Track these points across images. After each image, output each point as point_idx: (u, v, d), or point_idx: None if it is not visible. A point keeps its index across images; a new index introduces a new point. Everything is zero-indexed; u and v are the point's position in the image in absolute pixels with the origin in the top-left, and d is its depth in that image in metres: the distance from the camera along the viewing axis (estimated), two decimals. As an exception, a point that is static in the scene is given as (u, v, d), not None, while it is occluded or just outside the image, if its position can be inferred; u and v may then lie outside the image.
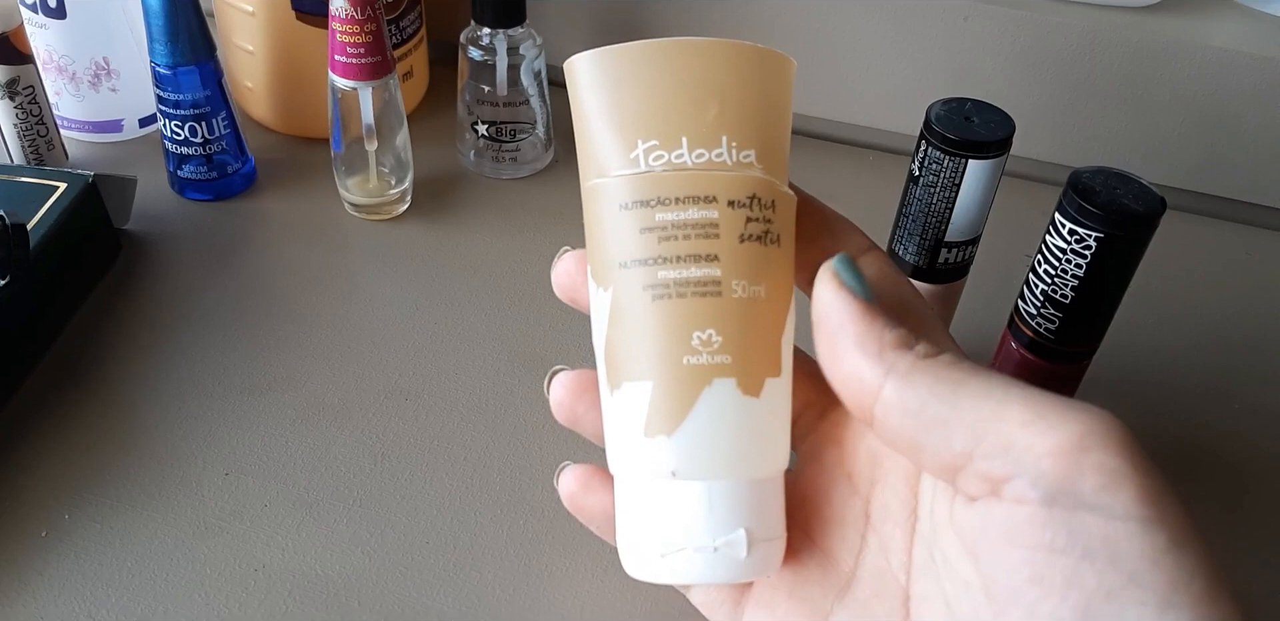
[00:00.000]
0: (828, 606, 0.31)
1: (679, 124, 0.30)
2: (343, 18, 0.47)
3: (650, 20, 0.59)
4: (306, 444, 0.44)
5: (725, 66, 0.30)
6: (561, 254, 0.34)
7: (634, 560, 0.31)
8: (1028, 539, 0.25)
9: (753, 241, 0.30)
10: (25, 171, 0.49)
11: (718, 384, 0.29)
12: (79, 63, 0.55)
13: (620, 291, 0.30)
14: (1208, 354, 0.51)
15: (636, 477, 0.31)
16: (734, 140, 0.30)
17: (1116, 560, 0.24)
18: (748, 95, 0.30)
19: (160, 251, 0.52)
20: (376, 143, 0.52)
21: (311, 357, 0.48)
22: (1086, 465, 0.25)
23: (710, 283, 0.29)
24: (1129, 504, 0.24)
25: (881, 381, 0.27)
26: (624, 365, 0.30)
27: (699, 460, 0.30)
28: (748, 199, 0.30)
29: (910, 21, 0.55)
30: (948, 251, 0.42)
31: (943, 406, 0.27)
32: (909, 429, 0.27)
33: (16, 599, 0.38)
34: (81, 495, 0.42)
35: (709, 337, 0.29)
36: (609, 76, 0.30)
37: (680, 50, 0.30)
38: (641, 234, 0.30)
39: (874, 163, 0.60)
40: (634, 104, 0.30)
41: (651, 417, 0.30)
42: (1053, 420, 0.25)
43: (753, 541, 0.30)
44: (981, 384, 0.27)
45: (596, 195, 0.31)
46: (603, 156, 0.31)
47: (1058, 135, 0.57)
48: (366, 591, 0.39)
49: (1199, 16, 0.54)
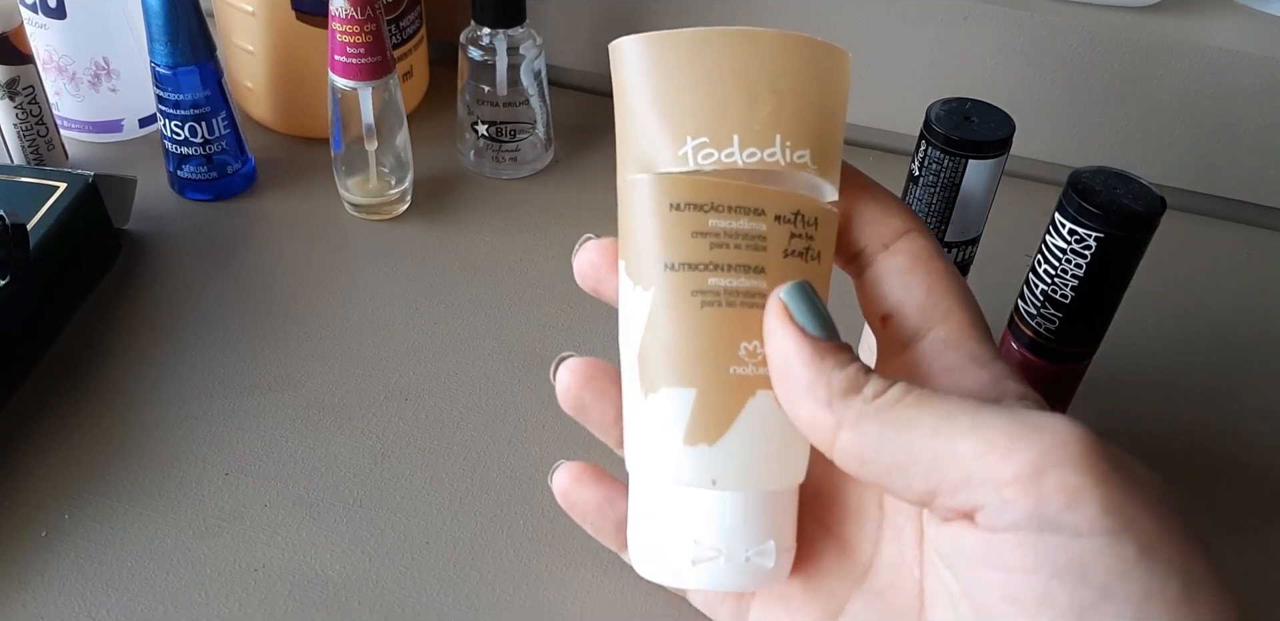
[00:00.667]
0: (845, 595, 0.31)
1: (732, 121, 0.29)
2: (343, 18, 0.47)
3: (651, 20, 0.59)
4: (306, 444, 0.44)
5: (783, 60, 0.29)
6: (584, 242, 0.33)
7: (655, 564, 0.31)
8: (999, 561, 0.25)
9: (795, 257, 0.30)
10: (25, 171, 0.49)
11: (761, 396, 0.29)
12: (79, 63, 0.55)
13: (663, 293, 0.29)
14: (1208, 354, 0.51)
15: (665, 483, 0.30)
16: (788, 139, 0.29)
17: (1086, 577, 0.24)
18: (806, 91, 0.30)
19: (160, 251, 0.52)
20: (376, 143, 0.52)
21: (311, 357, 0.48)
22: (1047, 487, 0.25)
23: (757, 294, 0.29)
24: (1093, 518, 0.24)
25: (835, 430, 0.27)
26: (665, 370, 0.29)
27: (739, 470, 0.29)
28: (793, 215, 0.30)
29: (910, 21, 0.55)
30: (948, 251, 0.42)
31: (896, 452, 0.26)
32: (870, 474, 0.27)
33: (16, 599, 0.38)
34: (81, 495, 0.42)
35: (754, 349, 0.29)
36: (659, 64, 0.29)
37: (736, 40, 0.29)
38: (693, 237, 0.29)
39: (874, 163, 0.60)
40: (684, 96, 0.29)
41: (694, 426, 0.29)
42: (1005, 448, 0.25)
43: (779, 551, 0.30)
44: (930, 420, 0.26)
45: (641, 190, 0.30)
46: (649, 149, 0.30)
47: (1058, 135, 0.57)
48: (366, 591, 0.39)
49: (1199, 16, 0.54)
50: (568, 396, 0.33)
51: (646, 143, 0.30)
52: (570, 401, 0.33)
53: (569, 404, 0.34)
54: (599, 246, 0.32)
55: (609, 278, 0.32)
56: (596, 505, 0.34)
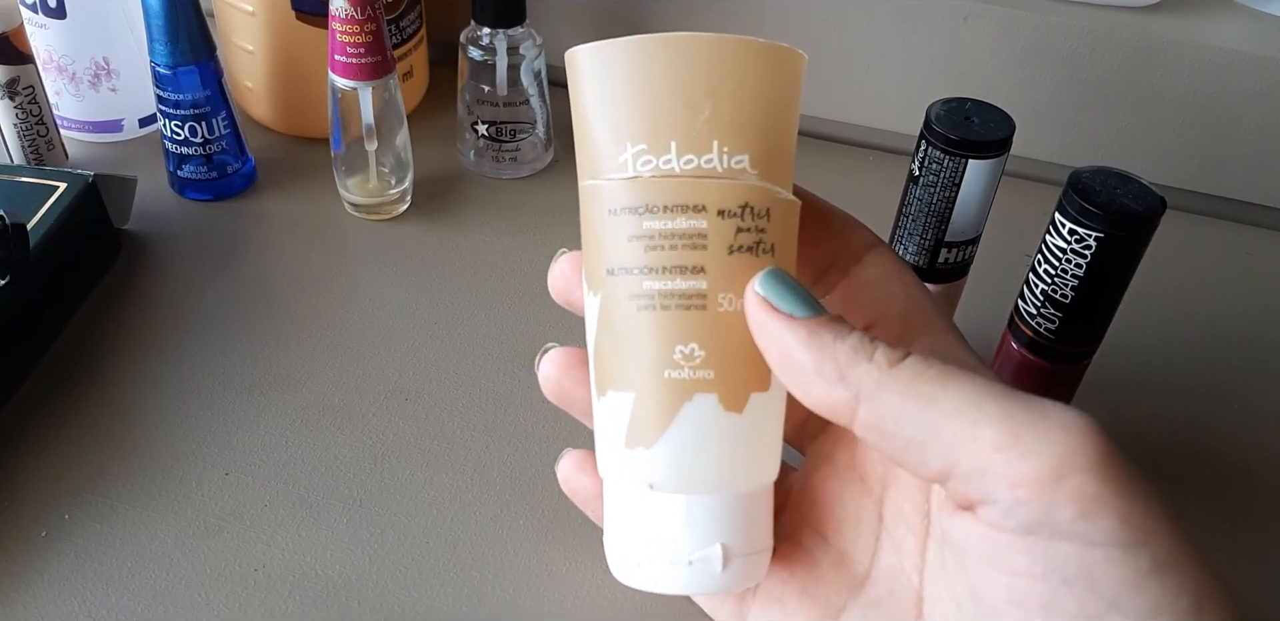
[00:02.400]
0: (840, 603, 0.31)
1: (668, 128, 0.29)
2: (343, 18, 0.47)
3: (650, 20, 0.59)
4: (306, 444, 0.44)
5: (724, 64, 0.29)
6: (559, 256, 0.34)
7: (616, 564, 0.31)
8: (1006, 564, 0.25)
9: (743, 252, 0.29)
10: (25, 171, 0.49)
11: (699, 399, 0.29)
12: (79, 63, 0.55)
13: (607, 298, 0.30)
14: (1208, 353, 0.51)
15: (619, 485, 0.31)
16: (726, 145, 0.29)
17: (1096, 587, 0.24)
18: (745, 95, 0.29)
19: (160, 251, 0.52)
20: (376, 143, 0.52)
21: (311, 357, 0.48)
22: (1063, 493, 0.24)
23: (695, 295, 0.29)
24: (1109, 530, 0.24)
25: (853, 405, 0.27)
26: (609, 373, 0.30)
27: (677, 474, 0.29)
28: (739, 208, 0.29)
29: (910, 21, 0.55)
30: (948, 251, 0.42)
31: (917, 427, 0.26)
32: (888, 448, 0.27)
33: (16, 599, 0.38)
34: (81, 495, 0.42)
35: (691, 352, 0.29)
36: (605, 72, 0.29)
37: (679, 46, 0.29)
38: (629, 241, 0.29)
39: (874, 163, 0.60)
40: (626, 104, 0.29)
41: (633, 428, 0.29)
42: (1029, 444, 0.25)
43: (730, 556, 0.30)
44: (954, 399, 0.26)
45: (589, 197, 0.30)
46: (596, 157, 0.30)
47: (1058, 135, 0.57)
48: (366, 591, 0.39)
49: (1199, 16, 0.54)
50: (548, 384, 0.34)
51: (594, 150, 0.30)
52: (551, 389, 0.34)
53: (550, 392, 0.34)
54: (570, 259, 0.33)
55: (578, 288, 0.32)
56: (595, 494, 0.34)
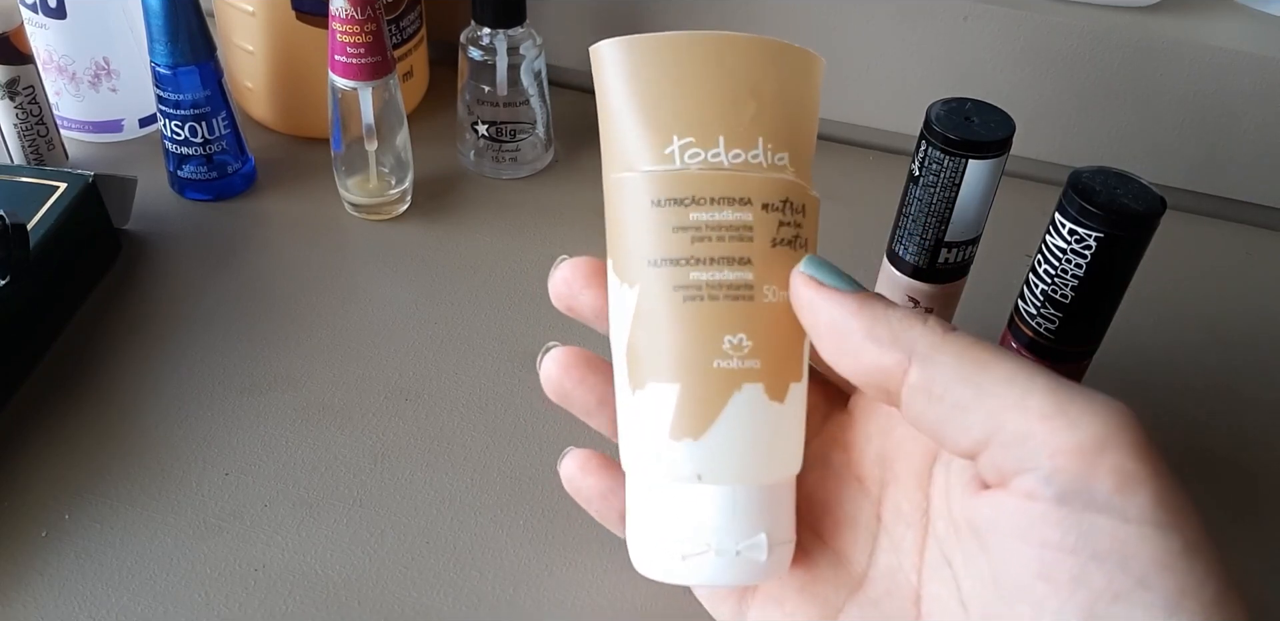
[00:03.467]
0: (839, 603, 0.31)
1: (717, 122, 0.29)
2: (343, 18, 0.47)
3: (651, 20, 0.59)
4: (306, 444, 0.44)
5: (762, 63, 0.30)
6: (559, 263, 0.34)
7: (649, 560, 0.31)
8: (1038, 536, 0.25)
9: (784, 245, 0.30)
10: (25, 171, 0.49)
11: (747, 389, 0.29)
12: (79, 63, 0.55)
13: (648, 290, 0.30)
14: (1207, 353, 0.51)
15: (655, 479, 0.30)
16: (770, 142, 0.30)
17: (1127, 563, 0.24)
18: (784, 95, 0.30)
19: (160, 251, 0.52)
20: (376, 143, 0.52)
21: (311, 357, 0.48)
22: (1103, 466, 0.25)
23: (743, 286, 0.29)
24: (1144, 508, 0.24)
25: (906, 366, 0.27)
26: (650, 365, 0.30)
27: (725, 465, 0.29)
28: (781, 202, 0.30)
29: (910, 21, 0.55)
30: (948, 251, 0.42)
31: (967, 389, 0.26)
32: (933, 412, 0.27)
33: (16, 599, 0.38)
34: (81, 495, 0.42)
35: (740, 342, 0.29)
36: (641, 67, 0.30)
37: (715, 44, 0.30)
38: (674, 233, 0.29)
39: (874, 163, 0.60)
40: (669, 98, 0.30)
41: (678, 420, 0.29)
42: (1074, 416, 0.25)
43: (772, 544, 0.30)
44: (1006, 368, 0.26)
45: (624, 189, 0.30)
46: (632, 150, 0.30)
47: (1058, 135, 0.57)
48: (366, 591, 0.39)
49: (1199, 16, 0.54)
50: (550, 383, 0.34)
51: (630, 143, 0.30)
52: (552, 388, 0.34)
53: (551, 390, 0.34)
54: (572, 265, 0.33)
55: (581, 294, 0.33)
56: (600, 493, 0.34)
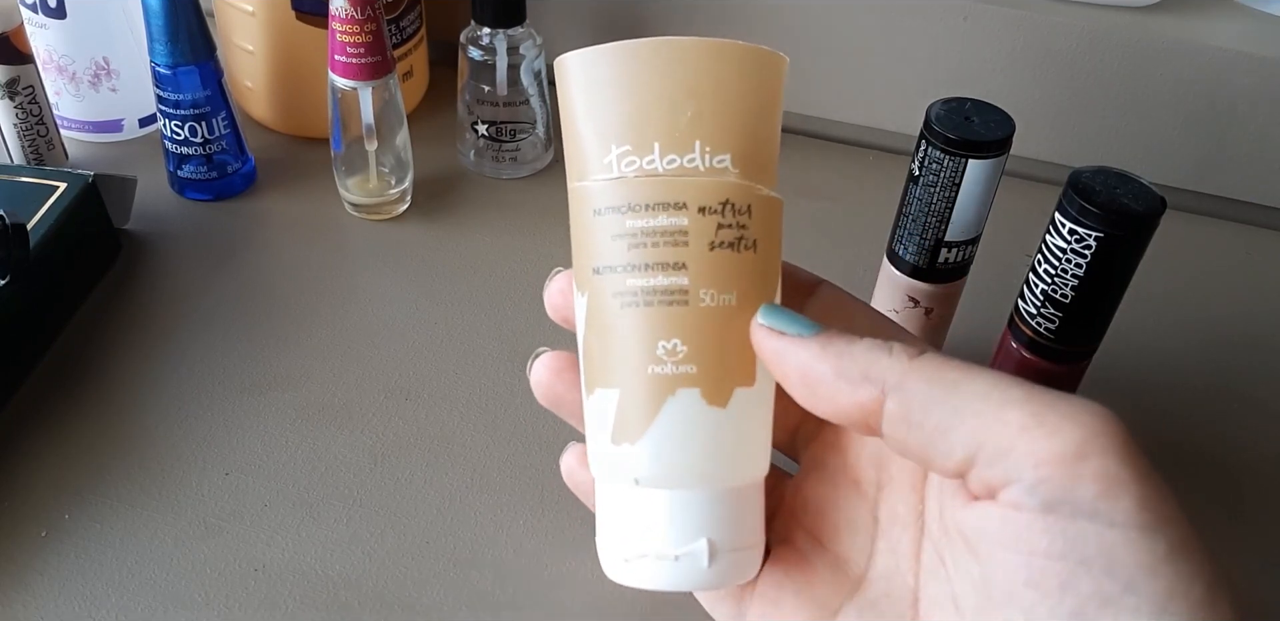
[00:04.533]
0: (837, 604, 0.31)
1: (652, 129, 0.30)
2: (343, 18, 0.47)
3: (650, 20, 0.59)
4: (306, 444, 0.44)
5: (705, 67, 0.30)
6: (555, 274, 0.34)
7: (606, 562, 0.32)
8: (1025, 544, 0.25)
9: (724, 248, 0.30)
10: (25, 171, 0.49)
11: (681, 394, 0.29)
12: (79, 63, 0.55)
13: (593, 297, 0.30)
14: (1207, 353, 0.51)
15: (607, 481, 0.31)
16: (708, 145, 0.30)
17: (1113, 568, 0.24)
18: (727, 96, 0.30)
19: (160, 251, 0.52)
20: (376, 143, 0.52)
21: (311, 357, 0.48)
22: (1085, 472, 0.25)
23: (676, 291, 0.29)
24: (1128, 511, 0.24)
25: (881, 399, 0.27)
26: (596, 371, 0.30)
27: (661, 468, 0.30)
28: (720, 205, 0.30)
29: (910, 21, 0.55)
30: (948, 251, 0.42)
31: (944, 412, 0.26)
32: (915, 439, 0.27)
33: (16, 599, 0.38)
34: (81, 495, 0.42)
35: (674, 347, 0.29)
36: (592, 77, 0.30)
37: (662, 50, 0.30)
38: (613, 240, 0.30)
39: (874, 163, 0.60)
40: (612, 107, 0.30)
41: (618, 425, 0.30)
42: (1053, 424, 0.25)
43: (717, 551, 0.30)
44: (979, 384, 0.26)
45: (575, 199, 0.31)
46: (583, 159, 0.30)
47: (1058, 135, 0.57)
48: (366, 591, 0.39)
49: (1199, 16, 0.54)
50: (540, 388, 0.34)
51: (581, 152, 0.30)
52: (543, 393, 0.34)
53: (542, 396, 0.34)
54: (567, 276, 0.33)
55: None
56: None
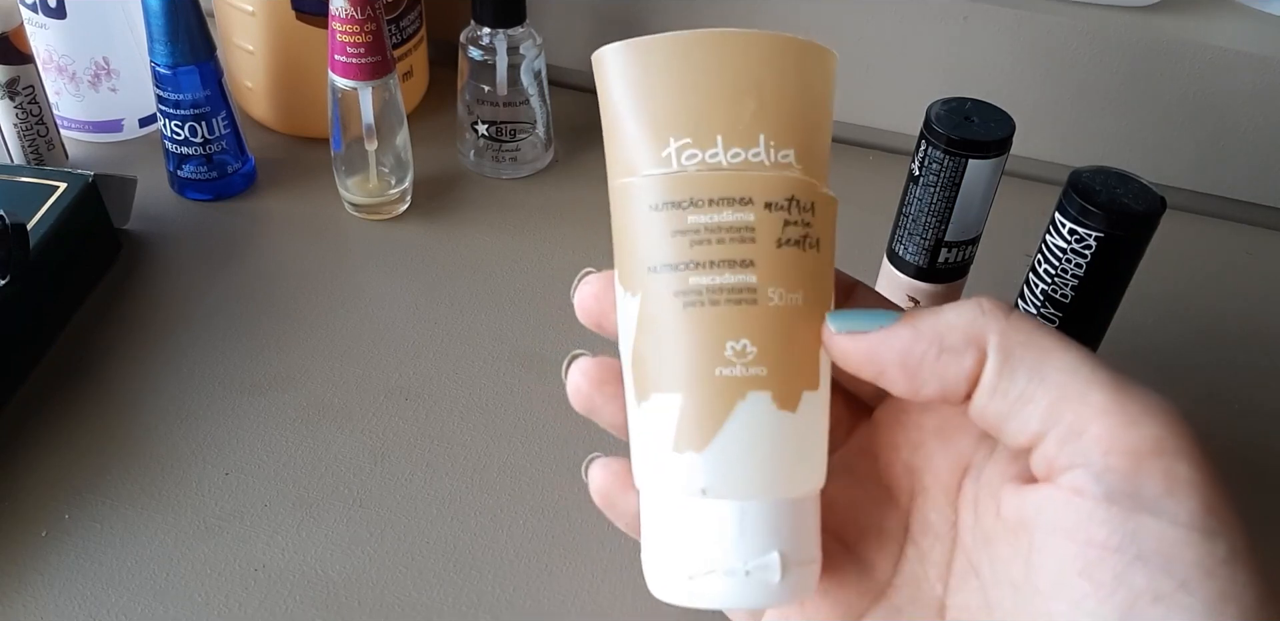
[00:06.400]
0: (861, 609, 0.31)
1: (714, 121, 0.28)
2: (343, 18, 0.47)
3: (651, 20, 0.59)
4: (306, 444, 0.44)
5: (763, 60, 0.29)
6: (583, 276, 0.32)
7: (659, 581, 0.29)
8: (1083, 533, 0.25)
9: (790, 246, 0.28)
10: (25, 171, 0.49)
11: (752, 397, 0.28)
12: (79, 63, 0.55)
13: (649, 297, 0.29)
14: (1207, 353, 0.51)
15: (663, 494, 0.29)
16: (772, 139, 0.28)
17: (1170, 566, 0.24)
18: (788, 90, 0.29)
19: (160, 251, 0.52)
20: (376, 142, 0.52)
21: (311, 357, 0.48)
22: (1155, 469, 0.25)
23: (745, 289, 0.28)
24: (1194, 513, 0.24)
25: (984, 362, 0.27)
26: (653, 376, 0.29)
27: (731, 478, 0.28)
28: (786, 201, 0.28)
29: (910, 21, 0.55)
30: (948, 251, 0.42)
31: (1031, 382, 0.26)
32: (996, 408, 0.27)
33: (16, 599, 0.38)
34: (81, 495, 0.42)
35: (743, 348, 0.28)
36: (640, 69, 0.29)
37: (715, 42, 0.29)
38: (673, 237, 0.28)
39: (874, 163, 0.60)
40: (666, 99, 0.29)
41: (681, 432, 0.28)
42: (1134, 414, 0.25)
43: (787, 565, 0.28)
44: (1068, 357, 0.26)
45: (625, 195, 0.29)
46: (632, 154, 0.29)
47: (1058, 135, 0.57)
48: (366, 591, 0.39)
49: (1199, 16, 0.54)
50: (579, 397, 0.32)
51: (630, 147, 0.29)
52: (581, 401, 0.32)
53: (580, 404, 0.33)
54: (600, 279, 0.31)
55: (611, 312, 0.31)
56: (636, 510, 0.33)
